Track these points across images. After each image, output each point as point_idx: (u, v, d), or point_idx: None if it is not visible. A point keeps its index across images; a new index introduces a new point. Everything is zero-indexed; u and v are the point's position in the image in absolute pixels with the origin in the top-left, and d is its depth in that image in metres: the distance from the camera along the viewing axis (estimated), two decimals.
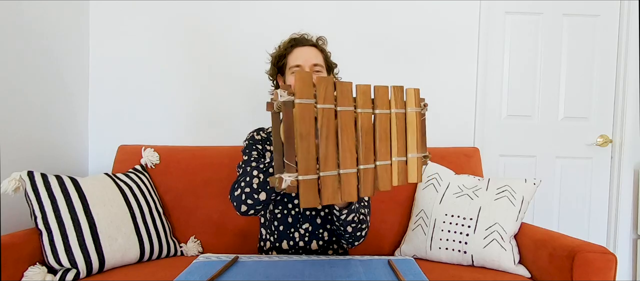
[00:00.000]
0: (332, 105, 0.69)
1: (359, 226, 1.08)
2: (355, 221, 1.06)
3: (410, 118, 0.81)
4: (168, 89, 1.83)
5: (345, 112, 0.71)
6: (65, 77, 1.66)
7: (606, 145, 1.97)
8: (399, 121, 0.79)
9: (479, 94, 1.91)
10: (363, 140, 0.74)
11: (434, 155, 1.67)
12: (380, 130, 0.76)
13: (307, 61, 1.16)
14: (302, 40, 1.21)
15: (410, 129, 0.81)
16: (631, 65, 1.92)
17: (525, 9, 1.94)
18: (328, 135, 0.69)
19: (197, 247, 1.51)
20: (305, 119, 0.66)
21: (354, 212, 1.03)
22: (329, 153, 0.69)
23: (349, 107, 0.71)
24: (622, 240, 1.94)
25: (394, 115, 0.79)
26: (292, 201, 1.20)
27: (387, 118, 0.78)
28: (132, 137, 1.79)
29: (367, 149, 0.74)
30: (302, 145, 0.65)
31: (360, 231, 1.10)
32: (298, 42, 1.20)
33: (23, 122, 1.44)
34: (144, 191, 1.45)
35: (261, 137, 1.23)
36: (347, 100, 0.71)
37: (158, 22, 1.81)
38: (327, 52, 1.26)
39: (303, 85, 0.66)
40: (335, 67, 1.30)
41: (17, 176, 1.19)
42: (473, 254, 1.34)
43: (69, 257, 1.17)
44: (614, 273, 1.11)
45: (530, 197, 1.40)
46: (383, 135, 0.77)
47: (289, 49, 1.20)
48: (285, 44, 1.22)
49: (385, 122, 0.77)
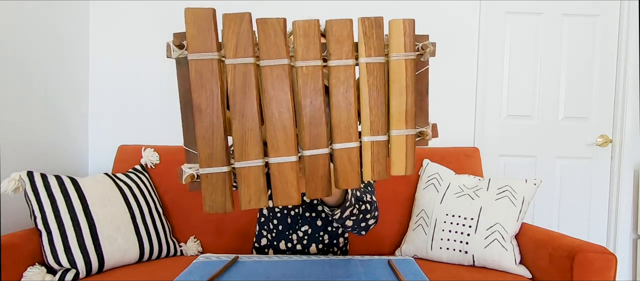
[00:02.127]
0: (252, 58, 0.45)
1: (361, 216, 0.91)
2: (355, 214, 0.89)
3: (395, 70, 0.51)
4: (168, 89, 1.83)
5: (274, 68, 0.45)
6: (65, 77, 1.65)
7: (606, 145, 1.97)
8: (375, 77, 0.50)
9: (479, 94, 1.91)
10: (309, 112, 0.49)
11: (434, 155, 1.66)
12: (336, 93, 0.50)
13: None
14: None
15: (395, 88, 0.51)
16: (631, 65, 1.92)
17: (525, 9, 1.94)
18: (243, 107, 0.45)
19: (197, 247, 1.51)
20: (205, 85, 0.43)
21: (351, 207, 0.85)
22: (244, 132, 0.45)
23: (280, 59, 0.46)
24: (622, 240, 1.94)
25: (364, 67, 0.50)
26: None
27: (350, 72, 0.49)
28: (132, 137, 1.79)
29: (313, 126, 0.49)
30: (201, 123, 0.44)
31: (365, 221, 0.93)
32: None
33: (23, 122, 1.43)
34: (143, 191, 1.45)
35: None
36: (275, 49, 0.45)
37: (158, 22, 1.81)
38: None
39: (198, 31, 0.43)
40: None
41: (16, 176, 1.19)
42: (474, 254, 1.34)
43: (68, 257, 1.17)
44: (614, 273, 1.11)
45: (531, 197, 1.40)
46: (342, 101, 0.50)
47: None
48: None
49: (347, 78, 0.49)
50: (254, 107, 0.45)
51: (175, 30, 1.81)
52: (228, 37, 0.43)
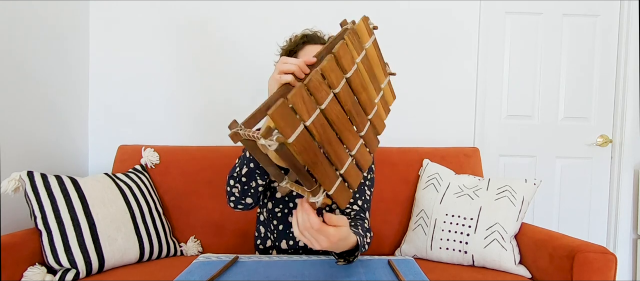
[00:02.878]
0: (316, 111, 0.62)
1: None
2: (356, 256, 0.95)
3: (370, 54, 0.77)
4: (168, 89, 1.83)
5: (330, 106, 0.65)
6: (65, 77, 1.66)
7: (606, 145, 1.97)
8: (366, 66, 0.75)
9: (479, 94, 1.91)
10: (353, 111, 0.71)
11: (434, 155, 1.67)
12: (358, 87, 0.72)
13: None
14: (314, 37, 1.15)
15: (374, 63, 0.78)
16: (631, 65, 1.92)
17: (525, 9, 1.94)
18: (330, 140, 0.64)
19: (197, 247, 1.51)
20: (307, 149, 0.60)
21: (358, 250, 0.91)
22: (338, 151, 0.66)
23: (328, 97, 0.64)
24: (622, 240, 1.94)
25: (361, 65, 0.74)
26: (293, 200, 1.18)
27: (357, 73, 0.73)
28: (132, 137, 1.79)
29: (359, 115, 0.73)
30: (317, 170, 0.62)
31: (364, 246, 0.98)
32: (310, 39, 1.15)
33: (23, 121, 1.43)
34: (143, 191, 1.45)
35: None
36: (324, 93, 0.63)
37: (158, 21, 1.81)
38: None
39: (285, 122, 0.56)
40: None
41: (16, 176, 1.19)
42: (474, 254, 1.34)
43: (68, 257, 1.17)
44: (614, 273, 1.11)
45: (531, 197, 1.40)
46: (361, 89, 0.73)
47: (301, 45, 1.14)
48: (296, 39, 1.17)
49: (357, 77, 0.73)
50: (333, 136, 0.65)
51: (176, 30, 1.81)
52: (299, 108, 0.58)
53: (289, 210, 1.18)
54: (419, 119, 1.89)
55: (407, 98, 1.88)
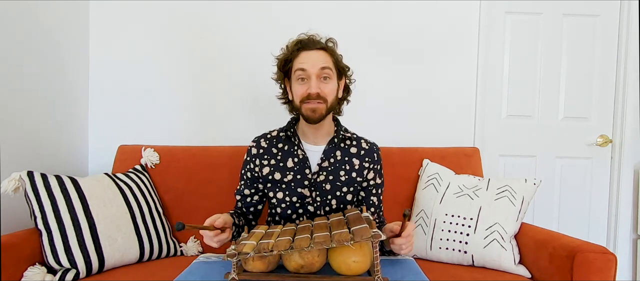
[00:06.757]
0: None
1: None
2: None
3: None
4: (168, 89, 1.83)
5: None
6: (65, 77, 1.65)
7: (606, 145, 1.97)
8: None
9: (479, 94, 1.91)
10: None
11: (434, 155, 1.67)
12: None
13: (313, 65, 1.09)
14: (309, 42, 1.13)
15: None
16: (631, 65, 1.91)
17: (525, 9, 1.94)
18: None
19: (197, 247, 1.51)
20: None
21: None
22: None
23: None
24: (622, 240, 1.94)
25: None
26: (300, 217, 1.19)
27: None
28: (132, 137, 1.79)
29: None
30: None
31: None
32: (304, 45, 1.12)
33: (23, 122, 1.43)
34: (143, 191, 1.45)
35: (258, 152, 1.21)
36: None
37: (158, 22, 1.81)
38: (338, 55, 1.17)
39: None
40: (348, 70, 1.21)
41: (16, 176, 1.19)
42: (473, 254, 1.34)
43: (68, 257, 1.17)
44: (614, 273, 1.11)
45: (531, 197, 1.40)
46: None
47: (295, 52, 1.12)
48: (291, 46, 1.15)
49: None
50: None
51: (176, 30, 1.81)
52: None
53: (291, 221, 1.19)
54: (418, 119, 1.89)
55: (407, 98, 1.88)
